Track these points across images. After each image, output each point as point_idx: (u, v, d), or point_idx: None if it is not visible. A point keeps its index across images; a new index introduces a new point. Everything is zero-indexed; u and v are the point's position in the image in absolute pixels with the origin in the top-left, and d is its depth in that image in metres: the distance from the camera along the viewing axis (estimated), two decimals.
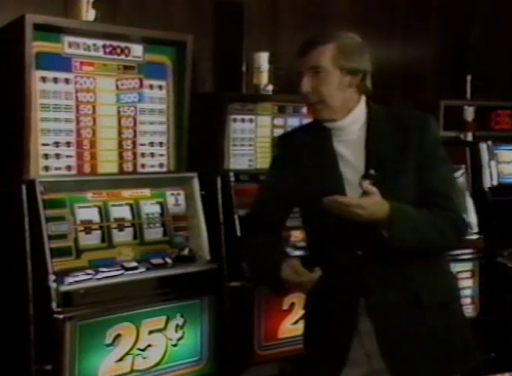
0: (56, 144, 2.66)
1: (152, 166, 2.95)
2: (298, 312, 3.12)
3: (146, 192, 2.86)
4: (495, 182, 4.06)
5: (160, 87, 2.94)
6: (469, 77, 4.50)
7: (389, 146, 2.13)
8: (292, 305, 3.10)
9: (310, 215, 2.26)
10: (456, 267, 3.48)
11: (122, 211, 2.76)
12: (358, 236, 2.07)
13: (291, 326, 3.14)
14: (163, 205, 2.89)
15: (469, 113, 4.23)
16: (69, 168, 2.70)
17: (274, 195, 2.30)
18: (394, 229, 2.01)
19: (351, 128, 2.17)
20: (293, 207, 2.36)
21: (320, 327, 2.24)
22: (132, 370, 2.65)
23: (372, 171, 2.09)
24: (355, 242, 2.09)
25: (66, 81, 2.66)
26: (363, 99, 2.21)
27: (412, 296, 2.11)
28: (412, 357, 2.11)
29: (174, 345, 2.77)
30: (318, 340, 2.25)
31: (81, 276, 2.51)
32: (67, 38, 2.65)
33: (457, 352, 2.18)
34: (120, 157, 2.86)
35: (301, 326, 3.17)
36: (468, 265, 3.80)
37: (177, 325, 2.76)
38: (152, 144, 2.94)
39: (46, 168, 2.64)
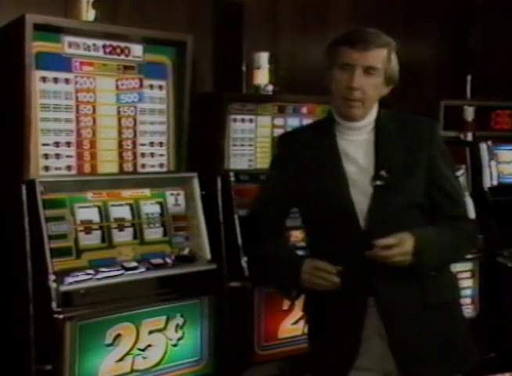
0: (56, 144, 2.66)
1: (152, 166, 2.95)
2: (298, 312, 3.11)
3: (146, 192, 2.86)
4: (495, 182, 4.06)
5: (160, 87, 2.94)
6: (469, 77, 4.50)
7: (398, 149, 2.15)
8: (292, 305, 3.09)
9: (312, 215, 2.25)
10: (456, 267, 3.46)
11: (122, 211, 2.76)
12: (363, 237, 2.08)
13: (291, 326, 3.14)
14: (163, 205, 2.89)
15: (469, 113, 4.23)
16: (69, 168, 2.70)
17: (274, 195, 2.30)
18: (423, 260, 2.05)
19: (364, 129, 2.19)
20: (293, 208, 2.36)
21: (327, 329, 2.22)
22: (132, 370, 2.65)
23: (383, 173, 2.11)
24: (359, 243, 2.08)
25: (66, 81, 2.66)
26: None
27: (418, 296, 2.12)
28: (421, 357, 2.12)
29: (174, 345, 2.77)
30: (325, 342, 2.23)
31: (81, 276, 2.50)
32: (67, 38, 2.65)
33: (459, 350, 2.21)
34: (120, 157, 2.86)
35: (300, 326, 3.18)
36: (468, 265, 3.80)
37: (177, 325, 2.76)
38: (152, 144, 2.94)
39: (46, 168, 2.64)
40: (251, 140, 3.34)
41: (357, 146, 2.18)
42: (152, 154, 2.95)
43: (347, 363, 2.13)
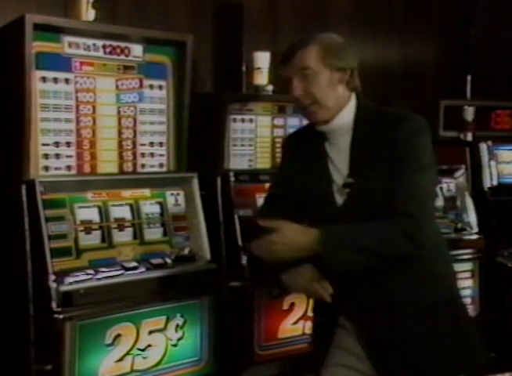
0: (56, 144, 2.66)
1: (152, 166, 2.95)
2: (298, 312, 3.12)
3: (146, 192, 2.86)
4: (495, 182, 4.06)
5: (160, 87, 2.94)
6: (469, 77, 4.50)
7: (372, 151, 2.06)
8: (292, 305, 3.10)
9: (302, 217, 2.20)
10: (456, 267, 3.47)
11: (122, 211, 2.76)
12: None
13: (291, 326, 3.14)
14: (163, 205, 2.88)
15: (469, 113, 4.23)
16: (69, 168, 2.70)
17: (278, 197, 2.30)
18: (325, 253, 1.96)
19: (340, 131, 2.13)
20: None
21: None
22: (132, 370, 2.65)
23: (349, 180, 2.07)
24: None
25: (66, 81, 2.66)
26: (353, 97, 2.16)
27: (387, 302, 2.07)
28: (399, 363, 2.07)
29: (174, 345, 2.77)
30: None
31: (81, 276, 2.50)
32: (67, 38, 2.65)
33: (448, 357, 2.08)
34: (120, 157, 2.86)
35: (300, 326, 3.19)
36: (468, 265, 3.79)
37: (177, 325, 2.76)
38: (152, 144, 2.94)
39: (46, 168, 2.64)
40: (251, 140, 3.35)
41: (336, 149, 2.15)
42: (152, 154, 2.95)
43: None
